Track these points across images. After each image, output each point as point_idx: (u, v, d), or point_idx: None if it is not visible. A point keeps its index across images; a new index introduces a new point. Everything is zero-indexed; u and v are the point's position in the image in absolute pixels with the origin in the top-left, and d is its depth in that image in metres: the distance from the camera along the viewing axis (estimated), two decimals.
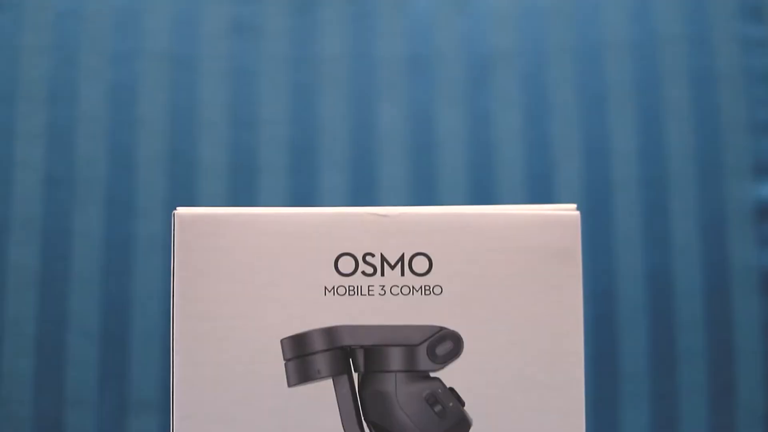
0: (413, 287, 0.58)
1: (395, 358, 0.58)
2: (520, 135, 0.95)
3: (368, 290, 0.58)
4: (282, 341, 0.58)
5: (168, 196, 0.92)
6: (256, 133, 0.94)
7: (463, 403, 0.58)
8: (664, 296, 0.94)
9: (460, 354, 0.58)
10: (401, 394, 0.58)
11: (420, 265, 0.58)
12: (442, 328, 0.58)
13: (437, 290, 0.58)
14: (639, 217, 0.94)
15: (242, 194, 0.92)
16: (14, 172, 0.93)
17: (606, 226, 0.94)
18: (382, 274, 0.58)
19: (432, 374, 0.58)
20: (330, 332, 0.58)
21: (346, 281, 0.58)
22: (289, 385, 0.57)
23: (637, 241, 0.94)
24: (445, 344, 0.58)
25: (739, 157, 0.96)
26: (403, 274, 0.58)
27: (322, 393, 0.58)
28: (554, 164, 0.95)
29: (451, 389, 0.58)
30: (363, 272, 0.58)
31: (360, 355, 0.58)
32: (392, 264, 0.58)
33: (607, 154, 0.95)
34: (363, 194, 0.93)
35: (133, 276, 0.91)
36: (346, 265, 0.58)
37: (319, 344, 0.58)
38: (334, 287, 0.58)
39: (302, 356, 0.58)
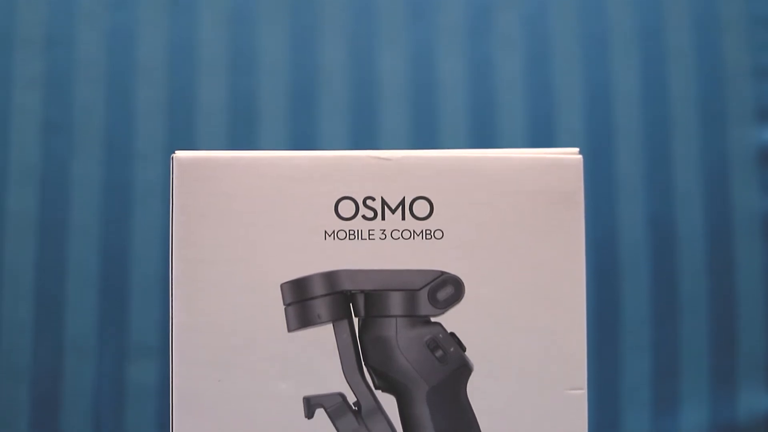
0: (414, 231, 0.57)
1: (396, 303, 0.58)
2: (521, 79, 0.94)
3: (369, 234, 0.57)
4: (282, 286, 0.57)
5: (167, 141, 0.91)
6: (256, 77, 0.94)
7: (464, 348, 0.57)
8: (666, 242, 0.93)
9: (461, 299, 0.57)
10: (402, 339, 0.58)
11: (421, 209, 0.58)
12: (443, 273, 0.57)
13: (438, 234, 0.57)
14: (641, 163, 0.94)
15: (242, 139, 0.91)
16: (11, 118, 0.93)
17: (607, 171, 0.94)
18: (383, 218, 0.57)
19: (433, 319, 0.58)
20: (330, 277, 0.57)
21: (347, 225, 0.57)
22: (289, 330, 0.57)
23: (639, 187, 0.94)
24: (446, 289, 0.57)
25: (742, 102, 0.95)
26: (403, 218, 0.57)
27: (322, 338, 0.58)
28: (556, 109, 0.94)
29: (452, 334, 0.58)
30: (363, 216, 0.57)
31: (360, 300, 0.58)
32: (393, 208, 0.58)
33: (609, 99, 0.94)
34: (364, 139, 0.92)
35: (133, 221, 0.91)
36: (347, 208, 0.58)
37: (319, 289, 0.57)
38: (334, 231, 0.57)
39: (302, 301, 0.57)
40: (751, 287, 0.93)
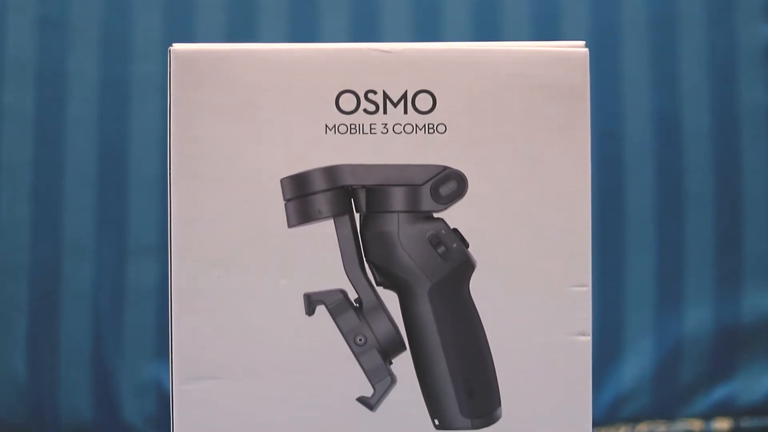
0: (416, 125, 0.57)
1: (398, 198, 0.57)
2: None
3: (370, 128, 0.57)
4: (282, 181, 0.57)
5: (164, 35, 0.90)
6: None
7: (466, 245, 0.57)
8: (671, 138, 0.92)
9: (464, 194, 0.57)
10: (404, 234, 0.58)
11: (423, 102, 0.57)
12: (445, 168, 0.57)
13: (441, 129, 0.57)
14: (647, 57, 0.93)
15: (240, 32, 0.90)
16: (6, 14, 0.92)
17: (613, 66, 0.92)
18: (385, 111, 0.57)
19: (435, 215, 0.58)
20: (331, 171, 0.57)
21: (348, 119, 0.57)
22: (289, 225, 0.57)
23: (645, 82, 0.93)
24: (449, 184, 0.57)
25: None
26: (406, 111, 0.57)
27: (323, 234, 0.57)
28: (561, 1, 0.93)
29: (455, 230, 0.57)
30: (365, 110, 0.57)
31: (362, 195, 0.58)
32: (395, 101, 0.57)
33: None
34: (365, 32, 0.91)
35: (130, 118, 0.90)
36: (348, 102, 0.57)
37: (319, 184, 0.57)
38: (335, 125, 0.57)
39: (302, 196, 0.57)
40: (756, 185, 0.92)
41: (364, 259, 0.58)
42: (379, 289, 0.58)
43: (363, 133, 0.57)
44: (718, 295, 0.92)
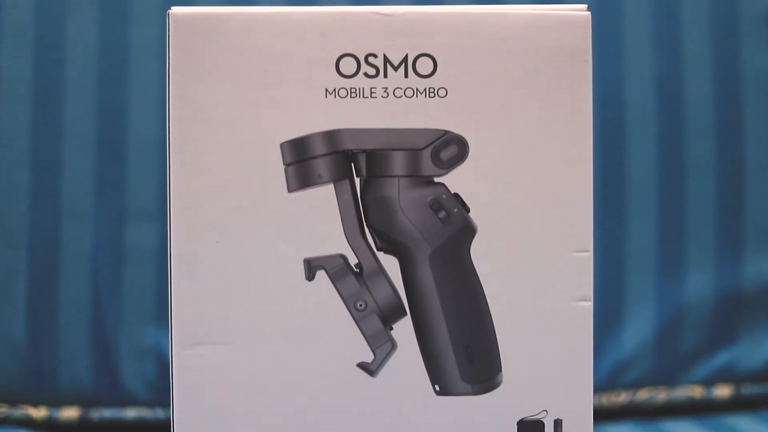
0: (417, 89, 0.56)
1: (398, 163, 0.57)
2: None
3: (371, 92, 0.56)
4: (281, 145, 0.57)
5: None
6: None
7: (467, 210, 0.57)
8: (673, 103, 0.92)
9: (465, 159, 0.57)
10: (404, 199, 0.57)
11: (424, 66, 0.57)
12: (446, 132, 0.57)
13: (442, 93, 0.57)
14: (649, 21, 0.92)
15: None
16: None
17: (615, 30, 0.92)
18: (385, 75, 0.57)
19: (436, 179, 0.57)
20: (331, 136, 0.57)
21: (348, 83, 0.56)
22: (289, 190, 0.57)
23: (646, 46, 0.92)
24: (450, 148, 0.57)
25: None
26: (406, 75, 0.57)
27: (323, 199, 0.57)
28: None
29: (456, 195, 0.57)
30: (365, 74, 0.56)
31: (362, 160, 0.57)
32: (395, 65, 0.57)
33: None
34: None
35: (129, 82, 0.90)
36: (348, 66, 0.56)
37: (319, 148, 0.57)
38: (335, 89, 0.56)
39: (302, 161, 0.57)
40: (759, 150, 0.92)
41: (365, 224, 0.57)
42: (380, 254, 0.58)
43: (363, 97, 0.56)
44: (719, 261, 0.92)
